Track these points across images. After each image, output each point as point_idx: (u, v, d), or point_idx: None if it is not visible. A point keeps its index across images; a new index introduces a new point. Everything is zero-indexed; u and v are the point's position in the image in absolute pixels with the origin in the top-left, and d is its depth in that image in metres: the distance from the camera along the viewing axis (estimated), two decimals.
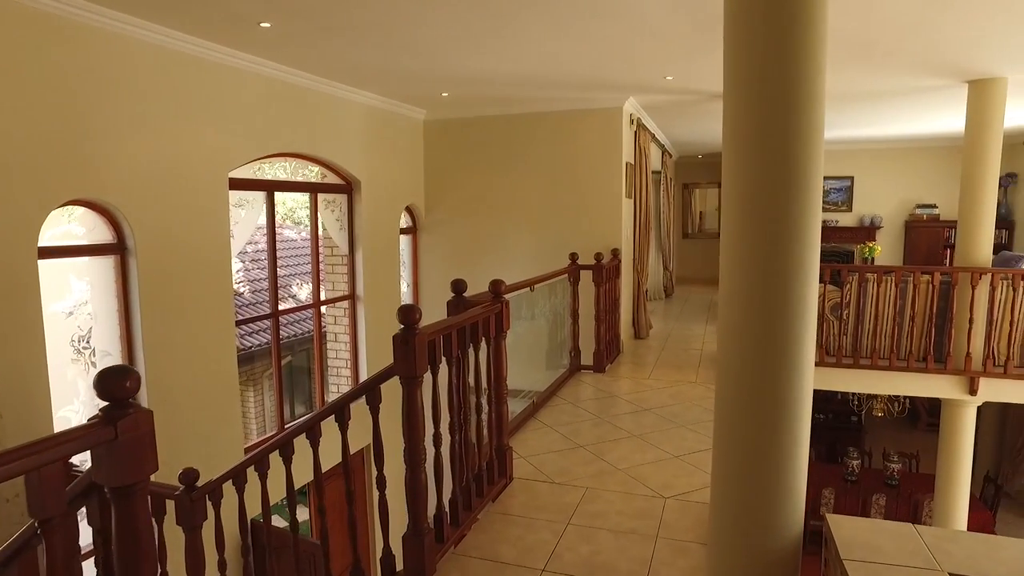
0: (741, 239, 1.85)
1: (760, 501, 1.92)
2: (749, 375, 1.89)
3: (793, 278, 1.80)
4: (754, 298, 1.84)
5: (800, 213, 1.78)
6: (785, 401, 1.86)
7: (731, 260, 1.89)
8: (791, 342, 1.83)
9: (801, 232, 1.79)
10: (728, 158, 1.90)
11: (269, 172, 5.84)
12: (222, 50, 4.42)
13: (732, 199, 1.87)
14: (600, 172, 6.87)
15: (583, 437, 4.33)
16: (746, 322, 1.87)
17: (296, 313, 9.08)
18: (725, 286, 1.93)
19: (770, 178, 1.78)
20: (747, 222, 1.83)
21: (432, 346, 2.70)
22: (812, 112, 1.79)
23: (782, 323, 1.83)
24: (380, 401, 2.66)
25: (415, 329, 2.49)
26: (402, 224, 7.47)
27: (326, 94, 5.78)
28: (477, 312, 3.21)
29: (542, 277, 5.16)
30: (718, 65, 5.27)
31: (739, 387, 1.92)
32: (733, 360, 1.94)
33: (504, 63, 5.18)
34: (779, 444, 1.88)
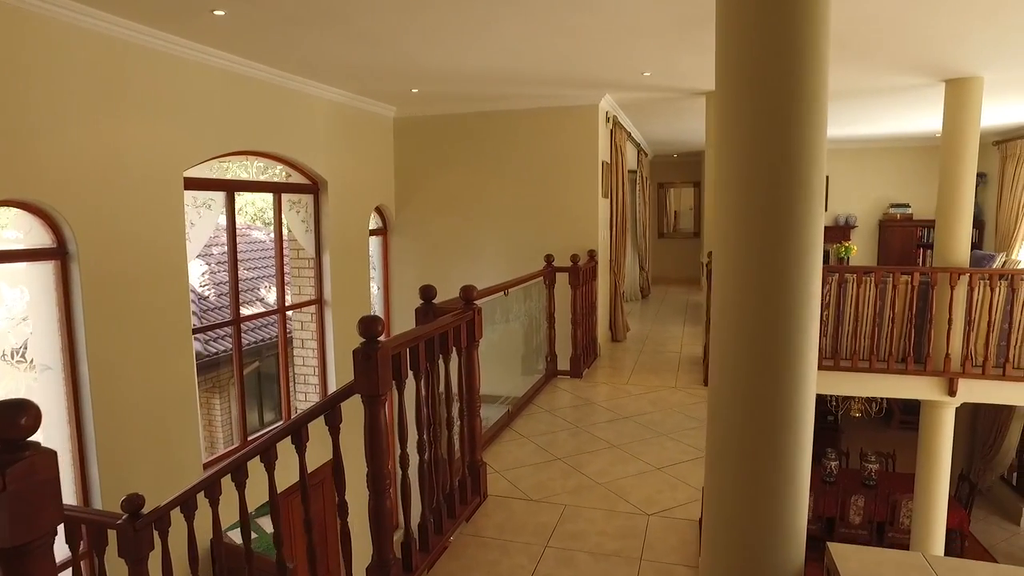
0: (739, 242, 1.67)
1: (758, 532, 1.74)
2: (747, 392, 1.71)
3: (795, 283, 1.63)
4: (753, 307, 1.66)
5: (803, 213, 1.60)
6: (786, 420, 1.69)
7: (727, 266, 1.71)
8: (794, 355, 1.66)
9: (804, 234, 1.62)
10: (722, 156, 1.72)
11: (236, 171, 5.56)
12: (174, 40, 4.14)
13: (729, 200, 1.68)
14: (576, 171, 6.70)
15: (560, 448, 4.14)
16: (744, 334, 1.69)
17: (264, 318, 8.73)
18: (720, 296, 1.74)
19: (771, 177, 1.61)
20: (746, 224, 1.65)
21: (397, 360, 2.48)
22: (814, 106, 1.62)
23: (784, 334, 1.65)
24: (340, 421, 2.44)
25: (377, 343, 2.28)
26: (372, 225, 7.21)
27: (290, 90, 5.51)
28: (447, 321, 3.00)
29: (516, 281, 4.97)
30: (697, 60, 5.16)
31: (736, 406, 1.74)
32: (728, 376, 1.76)
33: (474, 57, 4.97)
34: (779, 468, 1.71)
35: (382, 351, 2.27)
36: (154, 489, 4.09)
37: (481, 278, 6.83)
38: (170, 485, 3.57)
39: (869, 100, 6.92)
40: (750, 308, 1.67)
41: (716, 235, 1.75)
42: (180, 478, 4.26)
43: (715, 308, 1.78)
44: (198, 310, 9.42)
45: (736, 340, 1.70)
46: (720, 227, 1.71)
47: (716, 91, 1.77)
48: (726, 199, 1.69)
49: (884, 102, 7.06)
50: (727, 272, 1.71)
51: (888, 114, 7.96)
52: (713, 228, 6.49)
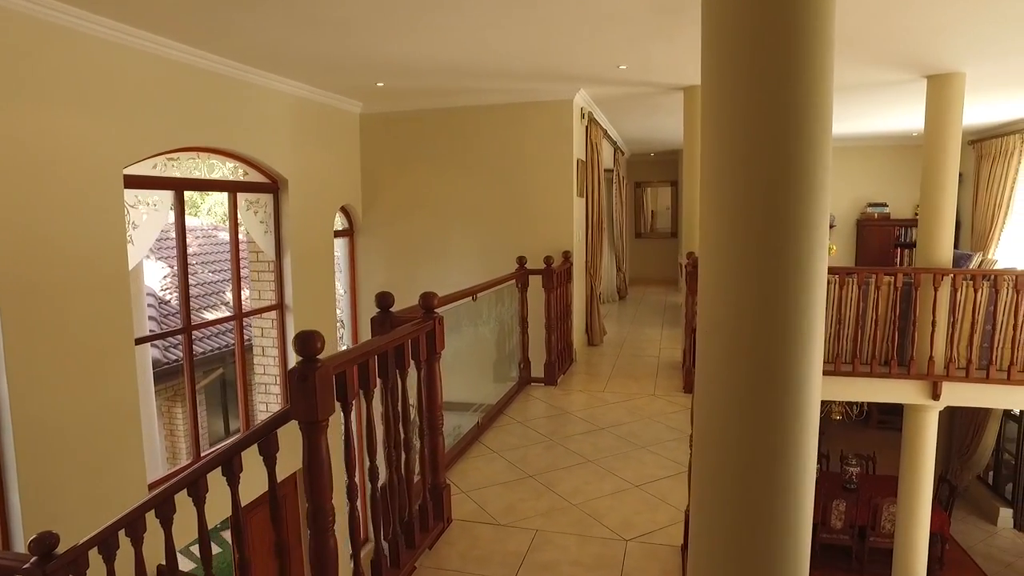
0: (735, 245, 1.42)
1: (757, 567, 1.49)
2: (745, 415, 1.46)
3: (800, 291, 1.39)
4: (753, 320, 1.41)
5: (807, 212, 1.36)
6: (790, 444, 1.44)
7: (719, 272, 1.46)
8: (798, 372, 1.42)
9: (809, 236, 1.38)
10: (711, 149, 1.46)
11: (194, 170, 5.19)
12: (109, 24, 3.79)
13: (721, 199, 1.43)
14: (550, 169, 6.45)
15: (532, 464, 3.87)
16: (741, 349, 1.44)
17: (221, 324, 8.35)
18: (711, 306, 1.49)
19: (771, 172, 1.36)
20: (743, 225, 1.40)
21: (342, 379, 2.20)
22: (818, 87, 1.37)
23: (787, 348, 1.41)
24: (277, 450, 2.15)
25: (316, 362, 1.99)
26: (337, 226, 6.89)
27: (246, 83, 5.17)
28: (404, 332, 2.71)
29: (486, 285, 4.69)
30: (674, 52, 4.92)
31: (731, 429, 1.49)
32: (722, 396, 1.51)
33: (442, 49, 4.69)
34: (781, 495, 1.46)
35: (322, 371, 1.99)
36: (90, 518, 3.76)
37: (452, 280, 6.56)
38: (109, 512, 3.25)
39: (848, 97, 6.77)
40: (749, 321, 1.42)
41: (703, 238, 1.50)
42: (121, 502, 3.92)
43: (704, 320, 1.53)
44: (158, 315, 9.02)
45: (731, 356, 1.45)
46: (709, 229, 1.46)
47: (704, 76, 1.51)
48: (716, 198, 1.44)
49: (863, 99, 6.91)
50: (719, 279, 1.46)
51: (867, 112, 7.83)
52: (697, 230, 6.32)
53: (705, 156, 1.48)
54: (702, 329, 1.52)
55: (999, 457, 9.05)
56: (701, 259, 1.52)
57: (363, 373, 2.37)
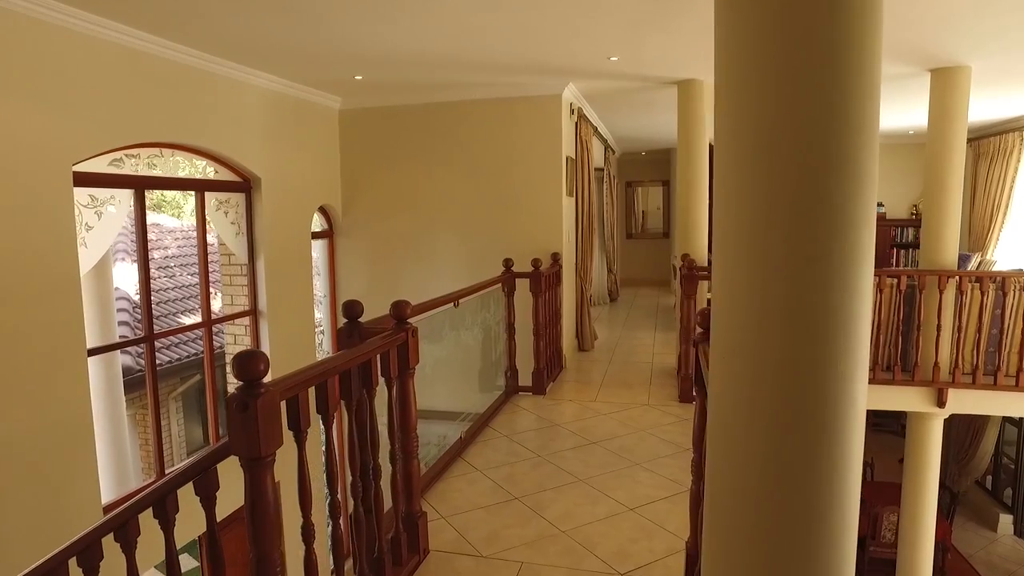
0: (762, 253, 1.13)
1: None
2: (779, 449, 1.17)
3: (843, 306, 1.11)
4: (782, 341, 1.13)
5: (854, 209, 1.08)
6: (833, 483, 1.16)
7: (740, 287, 1.17)
8: (844, 393, 1.13)
9: (855, 237, 1.10)
10: (736, 139, 1.18)
11: (160, 168, 4.85)
12: (57, 7, 3.47)
13: (751, 196, 1.15)
14: (538, 167, 6.16)
15: (519, 485, 3.58)
16: (765, 376, 1.15)
17: (188, 332, 8.00)
18: (729, 328, 1.21)
19: (811, 164, 1.08)
20: (779, 227, 1.12)
21: (295, 405, 1.90)
22: (866, 64, 1.09)
23: (825, 376, 1.12)
24: (217, 488, 1.85)
25: (258, 387, 1.69)
26: (315, 227, 6.57)
27: (214, 75, 4.85)
28: (371, 346, 2.42)
29: (469, 290, 4.40)
30: (668, 42, 4.61)
31: (749, 485, 1.20)
32: (748, 422, 1.22)
33: (422, 38, 4.40)
34: (822, 535, 1.17)
35: (266, 398, 1.69)
36: (35, 544, 3.43)
37: (436, 283, 6.26)
38: (56, 538, 2.94)
39: None
40: (777, 345, 1.13)
41: (720, 246, 1.21)
42: (73, 525, 3.60)
43: (720, 344, 1.25)
44: (132, 320, 8.67)
45: (755, 388, 1.17)
46: (728, 235, 1.17)
47: (720, 49, 1.23)
48: (739, 197, 1.15)
49: None
50: (740, 295, 1.17)
51: None
52: (690, 231, 6.06)
53: (725, 146, 1.20)
54: (717, 355, 1.24)
55: (998, 462, 8.85)
56: (718, 272, 1.24)
57: (321, 397, 2.08)
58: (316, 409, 2.09)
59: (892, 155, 10.08)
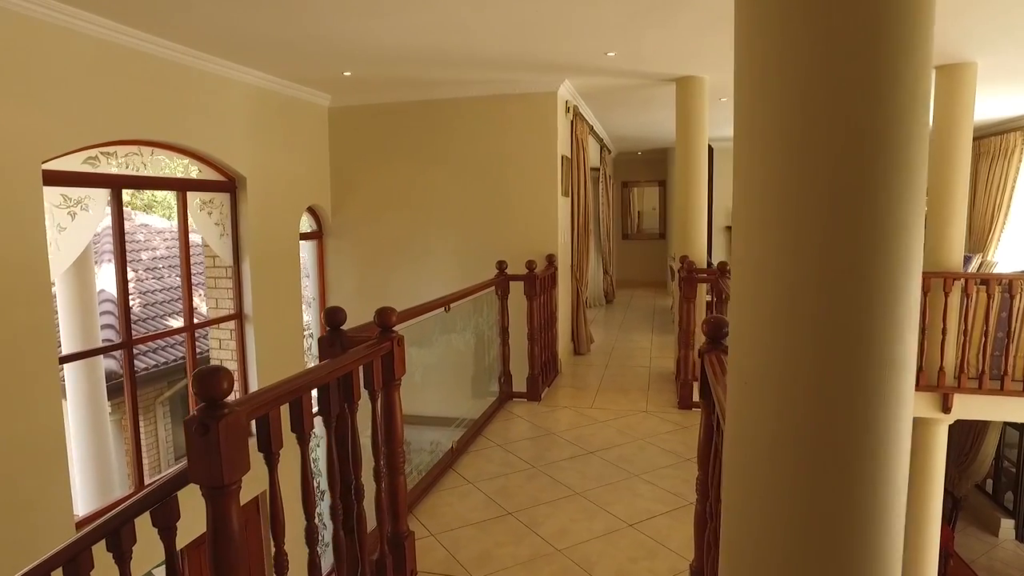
0: (800, 246, 0.97)
1: None
2: (814, 466, 1.01)
3: (890, 306, 0.94)
4: (821, 348, 0.96)
5: (901, 209, 0.92)
6: (877, 506, 1.00)
7: (775, 287, 1.01)
8: (885, 420, 0.97)
9: (902, 233, 0.94)
10: (762, 129, 1.02)
11: (140, 167, 4.65)
12: None
13: (774, 193, 0.99)
14: (533, 167, 6.00)
15: (513, 498, 3.42)
16: (795, 407, 0.99)
17: (170, 337, 7.80)
18: (752, 334, 1.05)
19: (852, 158, 0.92)
20: (809, 226, 0.95)
21: (265, 425, 1.73)
22: (916, 43, 0.93)
23: (870, 383, 0.96)
24: (177, 518, 1.68)
25: (221, 407, 1.52)
26: (304, 228, 6.40)
27: (197, 70, 4.67)
28: (352, 357, 2.25)
29: (460, 294, 4.23)
30: (667, 37, 4.45)
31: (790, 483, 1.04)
32: (764, 454, 1.06)
33: (411, 34, 4.23)
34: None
35: (230, 420, 1.52)
36: (2, 564, 3.25)
37: (429, 286, 6.09)
38: (25, 556, 2.76)
39: None
40: (817, 358, 0.97)
41: (743, 248, 1.05)
42: (43, 543, 3.41)
43: (743, 354, 1.08)
44: (118, 323, 8.45)
45: (791, 408, 1.00)
46: (755, 236, 1.01)
47: (740, 29, 1.07)
48: (768, 193, 0.99)
49: None
50: (770, 301, 1.01)
51: None
52: (687, 230, 5.90)
53: (747, 139, 1.04)
54: (736, 378, 1.08)
55: (999, 465, 8.74)
56: (738, 284, 1.07)
57: (295, 415, 1.91)
58: (291, 428, 1.92)
59: None
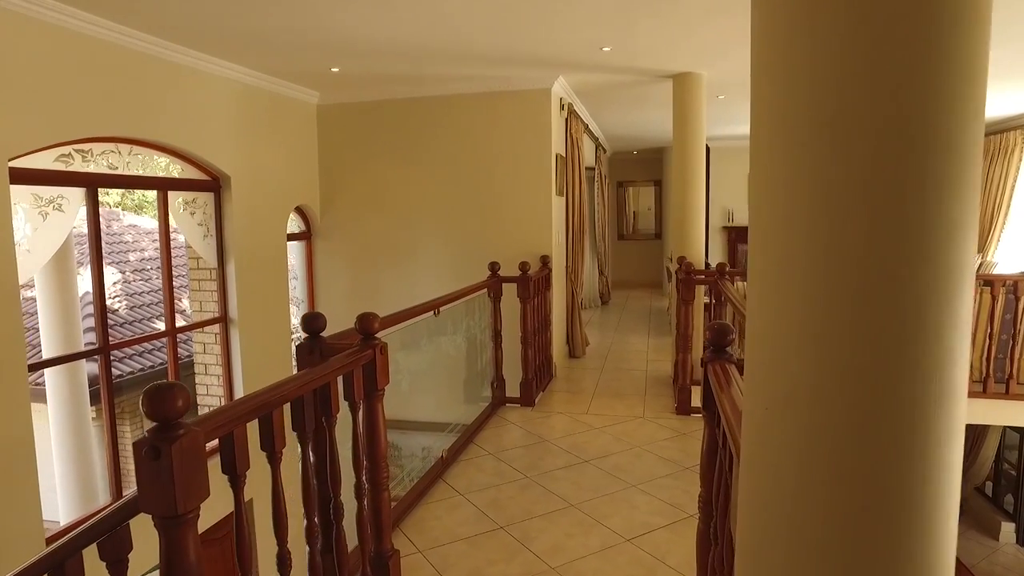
0: (826, 258, 0.82)
1: None
2: (855, 479, 0.86)
3: (939, 320, 0.80)
4: (857, 369, 0.82)
5: (951, 202, 0.78)
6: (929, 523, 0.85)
7: (802, 298, 0.86)
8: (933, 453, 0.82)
9: (955, 236, 0.79)
10: (787, 117, 0.87)
11: (119, 166, 4.47)
12: None
13: (801, 193, 0.84)
14: (526, 165, 5.85)
15: (505, 511, 3.27)
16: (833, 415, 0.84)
17: (150, 341, 7.61)
18: (774, 351, 0.90)
19: (895, 151, 0.77)
20: (844, 229, 0.80)
21: (229, 445, 1.58)
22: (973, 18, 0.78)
23: (916, 411, 0.81)
24: (129, 549, 1.53)
25: (176, 428, 1.36)
26: (292, 228, 6.23)
27: (178, 65, 4.51)
28: (332, 367, 2.09)
29: (451, 296, 4.08)
30: (666, 32, 4.27)
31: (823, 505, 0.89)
32: (788, 490, 0.91)
33: (400, 27, 4.08)
34: None
35: (185, 442, 1.36)
36: None
37: (420, 287, 5.94)
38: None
39: None
40: (852, 380, 0.82)
41: (762, 254, 0.90)
42: (3, 560, 3.25)
43: (763, 375, 0.94)
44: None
45: (821, 437, 0.85)
46: (779, 241, 0.86)
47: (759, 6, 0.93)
48: (794, 193, 0.84)
49: None
50: (796, 313, 0.86)
51: None
52: (685, 230, 5.77)
53: (766, 128, 0.89)
54: (753, 399, 0.93)
55: (999, 468, 8.64)
56: (757, 294, 0.92)
57: (266, 432, 1.75)
58: (260, 446, 1.77)
59: None
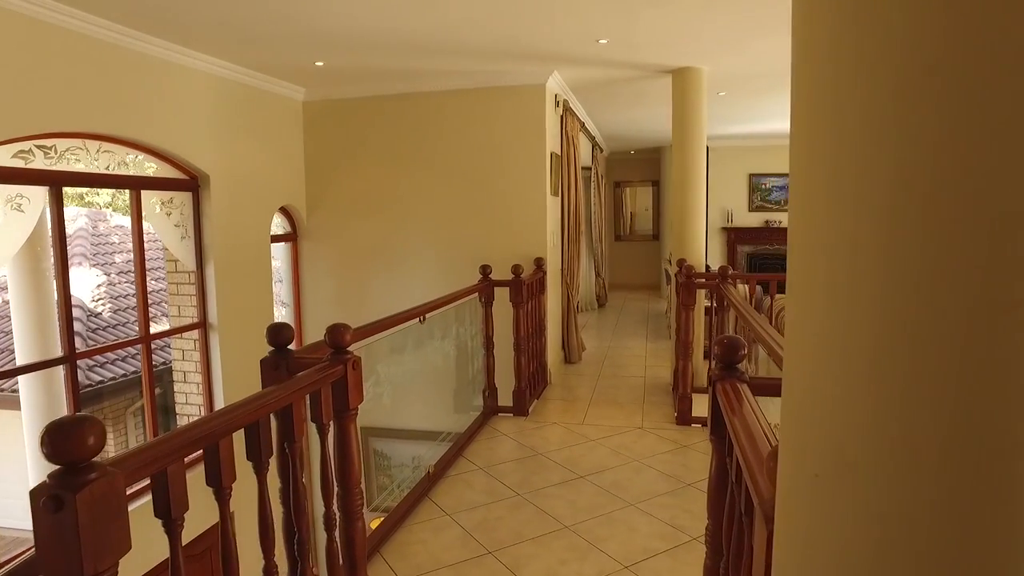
0: (901, 269, 0.59)
1: None
2: None
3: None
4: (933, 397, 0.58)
5: None
6: None
7: (865, 317, 0.63)
8: None
9: None
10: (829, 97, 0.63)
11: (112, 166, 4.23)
12: None
13: (867, 183, 0.60)
14: (520, 164, 5.62)
15: (494, 533, 3.04)
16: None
17: (122, 349, 7.36)
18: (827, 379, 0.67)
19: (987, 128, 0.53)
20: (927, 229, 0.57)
21: (162, 487, 1.35)
22: None
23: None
24: None
25: (87, 471, 1.13)
26: (277, 229, 6.00)
27: (150, 57, 4.27)
28: (295, 386, 1.86)
29: (440, 302, 3.85)
30: (666, 22, 3.99)
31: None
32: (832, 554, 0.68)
33: (386, 17, 3.85)
34: None
35: (95, 489, 1.13)
36: None
37: (410, 290, 5.70)
38: None
39: None
40: (968, 410, 0.58)
41: (806, 258, 0.68)
42: None
43: (811, 405, 0.71)
44: (85, 330, 8.07)
45: (922, 495, 0.62)
46: (846, 236, 0.63)
47: None
48: (862, 184, 0.61)
49: None
50: (855, 335, 0.63)
51: None
52: (684, 231, 5.55)
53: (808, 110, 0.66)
54: (798, 472, 0.70)
55: None
56: (801, 306, 0.70)
57: (212, 469, 1.52)
58: (206, 480, 1.54)
59: None
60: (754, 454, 1.24)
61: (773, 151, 10.05)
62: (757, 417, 1.50)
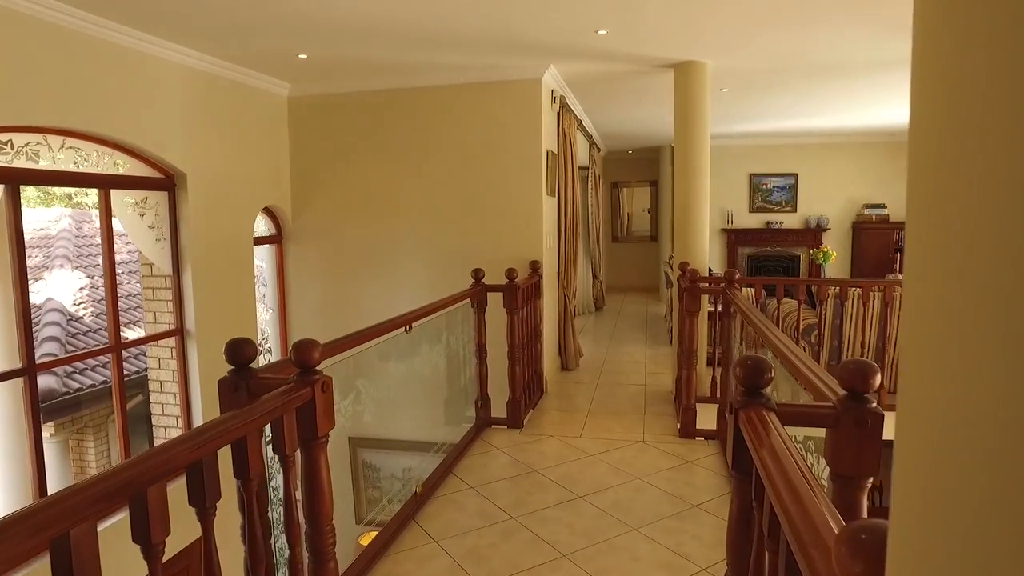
0: None
1: None
2: None
3: None
4: None
5: None
6: None
7: None
8: None
9: None
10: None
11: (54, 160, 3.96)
12: None
13: None
14: (515, 163, 5.37)
15: (485, 564, 2.79)
16: None
17: (93, 358, 7.09)
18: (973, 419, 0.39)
19: None
20: None
21: (62, 550, 1.09)
22: None
23: None
24: None
25: None
26: (261, 231, 5.74)
27: (119, 47, 4.01)
28: (250, 415, 1.60)
29: (428, 309, 3.59)
30: (669, 9, 3.74)
31: None
32: None
33: (371, 4, 3.60)
34: None
35: None
36: None
37: (400, 295, 5.44)
38: None
39: (840, 82, 5.84)
40: None
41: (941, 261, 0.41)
42: None
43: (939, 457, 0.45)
44: (63, 335, 7.80)
45: None
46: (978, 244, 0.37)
47: None
48: None
49: (853, 85, 5.99)
50: None
51: (858, 102, 6.95)
52: (685, 231, 5.31)
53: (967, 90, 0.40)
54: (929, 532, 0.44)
55: None
56: (926, 317, 0.44)
57: (140, 514, 1.26)
58: (132, 537, 1.28)
59: (896, 154, 9.45)
60: (802, 518, 0.99)
61: (775, 150, 9.83)
62: (795, 459, 1.25)
